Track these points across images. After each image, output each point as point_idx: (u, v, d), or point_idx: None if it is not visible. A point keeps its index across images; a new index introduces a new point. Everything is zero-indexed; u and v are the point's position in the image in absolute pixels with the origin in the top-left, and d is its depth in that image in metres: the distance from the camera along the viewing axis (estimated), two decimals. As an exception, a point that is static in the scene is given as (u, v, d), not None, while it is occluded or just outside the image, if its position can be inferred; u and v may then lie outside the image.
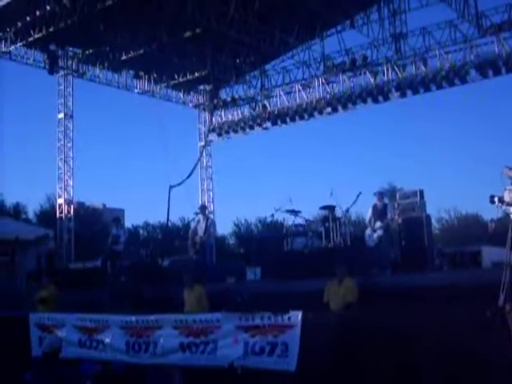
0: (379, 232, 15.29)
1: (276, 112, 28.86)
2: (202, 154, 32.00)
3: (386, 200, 15.54)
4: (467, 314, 7.47)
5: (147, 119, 64.51)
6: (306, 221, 17.56)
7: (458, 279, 11.56)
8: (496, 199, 8.80)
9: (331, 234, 16.07)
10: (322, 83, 27.64)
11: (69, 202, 27.90)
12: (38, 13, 23.62)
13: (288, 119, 28.53)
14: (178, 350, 9.34)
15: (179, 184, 21.94)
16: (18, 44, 25.54)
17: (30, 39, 25.07)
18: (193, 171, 25.38)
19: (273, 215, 19.09)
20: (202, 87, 32.20)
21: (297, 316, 8.33)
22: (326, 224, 16.50)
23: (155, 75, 29.84)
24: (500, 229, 10.16)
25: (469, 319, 7.30)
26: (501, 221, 9.56)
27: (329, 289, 11.28)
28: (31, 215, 45.80)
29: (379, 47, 26.06)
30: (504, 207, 8.82)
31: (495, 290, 8.18)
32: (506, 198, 8.73)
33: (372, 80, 25.96)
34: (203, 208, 18.41)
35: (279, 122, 28.96)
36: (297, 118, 28.27)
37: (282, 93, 29.04)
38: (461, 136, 74.08)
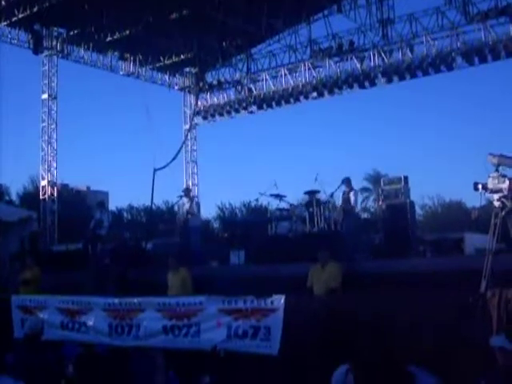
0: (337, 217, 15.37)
1: (262, 96, 28.79)
2: (186, 137, 31.87)
3: (353, 186, 15.50)
4: (450, 300, 7.52)
5: (132, 101, 64.02)
6: (291, 205, 17.61)
7: (441, 265, 11.64)
8: (480, 186, 8.85)
9: (315, 218, 16.13)
10: (309, 68, 27.55)
11: (52, 184, 27.71)
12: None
13: (274, 103, 28.46)
14: (161, 332, 9.36)
15: (164, 167, 21.84)
16: (2, 23, 25.30)
17: (15, 19, 24.84)
18: (177, 154, 25.25)
19: (257, 199, 19.14)
20: (187, 70, 31.98)
21: (279, 300, 8.35)
22: (310, 209, 16.55)
23: (141, 57, 29.59)
24: (483, 216, 10.23)
25: (451, 305, 7.35)
26: (484, 208, 9.61)
27: (312, 273, 11.32)
28: (14, 197, 45.47)
29: (366, 32, 25.98)
30: (487, 194, 8.88)
31: (477, 276, 8.26)
32: (490, 185, 8.79)
33: (358, 65, 25.93)
34: (187, 191, 18.39)
35: (265, 106, 28.88)
36: (282, 102, 28.20)
37: (268, 77, 28.94)
38: (447, 123, 74.15)
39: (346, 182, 15.37)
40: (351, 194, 15.15)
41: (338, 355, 7.64)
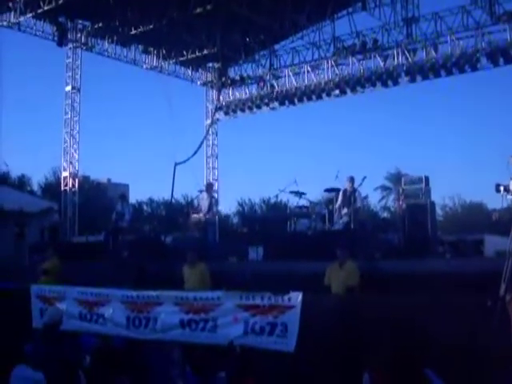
0: (345, 218, 15.30)
1: (284, 92, 28.74)
2: (208, 132, 31.94)
3: (355, 185, 15.44)
4: (468, 303, 7.47)
5: (154, 95, 64.30)
6: (310, 203, 17.59)
7: (460, 267, 11.57)
8: (502, 188, 8.81)
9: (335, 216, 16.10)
10: (332, 65, 27.45)
11: (74, 176, 27.92)
12: (48, -16, 23.54)
13: (296, 100, 28.41)
14: (178, 326, 9.38)
15: (184, 161, 21.94)
16: (28, 15, 25.45)
17: (40, 11, 24.98)
18: (198, 149, 25.38)
19: (277, 196, 19.11)
20: (210, 65, 32.03)
21: (297, 297, 8.34)
22: (330, 207, 16.52)
23: (164, 51, 29.71)
24: (504, 218, 10.15)
25: (469, 307, 7.30)
26: (505, 210, 9.55)
27: (330, 271, 11.30)
28: (36, 187, 45.83)
29: (390, 31, 25.84)
30: (509, 196, 8.82)
31: (496, 279, 8.18)
32: (512, 187, 8.73)
33: (382, 64, 25.79)
34: (209, 186, 18.45)
35: (287, 102, 28.84)
36: (304, 99, 28.13)
37: (290, 73, 28.88)
38: (469, 124, 73.62)
39: (350, 180, 15.34)
40: (356, 194, 15.14)
41: (354, 355, 7.65)
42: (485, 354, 6.75)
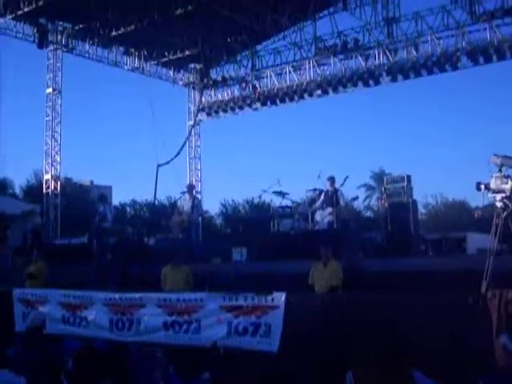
0: (329, 218, 15.39)
1: (266, 93, 28.75)
2: (190, 133, 31.87)
3: (338, 185, 15.56)
4: (450, 300, 7.51)
5: (136, 96, 64.03)
6: (293, 203, 17.62)
7: (442, 265, 11.64)
8: (482, 186, 8.85)
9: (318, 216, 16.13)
10: (313, 65, 27.48)
11: (56, 178, 27.70)
12: (27, -14, 23.38)
13: (278, 100, 28.44)
14: (162, 328, 9.37)
15: (167, 163, 21.94)
16: (8, 17, 25.24)
17: (20, 12, 24.79)
18: (181, 150, 25.37)
19: (260, 196, 19.12)
20: (192, 66, 31.95)
21: (280, 297, 8.36)
22: (313, 206, 16.55)
23: (145, 52, 29.56)
24: (486, 216, 10.22)
25: (451, 305, 7.34)
26: (487, 208, 9.61)
27: (314, 271, 11.33)
28: (18, 190, 45.55)
29: (371, 31, 25.90)
30: (490, 194, 8.87)
31: (478, 276, 8.25)
32: (493, 186, 8.78)
33: (363, 63, 25.88)
34: (191, 187, 18.42)
35: (269, 102, 28.86)
36: (286, 99, 28.16)
37: (272, 74, 28.89)
38: (453, 122, 74.11)
39: (330, 181, 15.44)
40: (339, 194, 15.24)
41: (338, 354, 7.66)
42: (467, 350, 6.80)
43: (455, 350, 6.85)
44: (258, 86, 29.23)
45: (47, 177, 27.66)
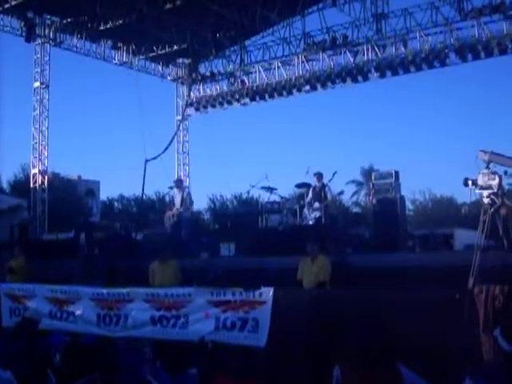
0: (317, 213, 15.46)
1: (255, 88, 28.74)
2: (178, 128, 31.81)
3: (325, 180, 15.63)
4: (437, 295, 7.54)
5: (124, 91, 63.80)
6: (282, 198, 17.65)
7: (429, 261, 11.69)
8: (470, 182, 8.90)
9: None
10: (302, 61, 27.51)
11: (43, 173, 27.60)
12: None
13: (266, 96, 28.45)
14: (149, 323, 9.35)
15: (155, 158, 21.86)
16: (-5, 10, 25.10)
17: (7, 6, 24.69)
18: (169, 145, 25.27)
19: (248, 192, 19.15)
20: (180, 60, 31.89)
21: (268, 292, 8.36)
22: (301, 202, 16.59)
23: (134, 46, 29.47)
24: (474, 212, 10.28)
25: (439, 300, 7.37)
26: (474, 204, 9.67)
27: (302, 266, 11.35)
28: (5, 184, 45.26)
29: (360, 27, 25.95)
30: (477, 190, 8.92)
31: (465, 272, 8.29)
32: (480, 182, 8.83)
33: (352, 59, 25.93)
34: (179, 182, 18.39)
35: (258, 98, 28.85)
36: (275, 94, 28.18)
37: (261, 69, 28.89)
38: (440, 118, 74.36)
39: (317, 176, 15.48)
40: (326, 189, 15.29)
41: (325, 348, 7.68)
42: (454, 345, 6.83)
43: (442, 346, 6.87)
44: (246, 81, 29.22)
45: (34, 171, 27.53)
